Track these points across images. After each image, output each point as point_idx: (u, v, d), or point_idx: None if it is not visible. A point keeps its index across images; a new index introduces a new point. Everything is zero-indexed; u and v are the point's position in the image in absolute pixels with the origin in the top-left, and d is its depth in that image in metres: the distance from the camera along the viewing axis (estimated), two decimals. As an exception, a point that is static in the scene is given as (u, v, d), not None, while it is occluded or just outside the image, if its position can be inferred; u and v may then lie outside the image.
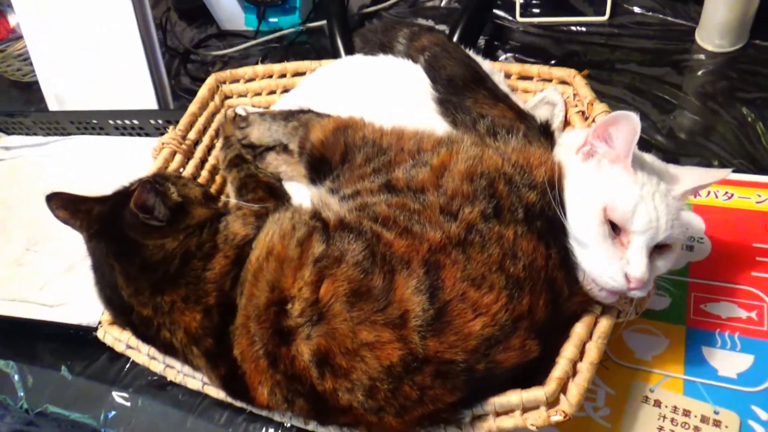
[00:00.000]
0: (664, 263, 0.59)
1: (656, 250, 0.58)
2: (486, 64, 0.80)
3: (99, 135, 1.17)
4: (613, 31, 1.10)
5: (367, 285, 0.54)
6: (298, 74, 0.97)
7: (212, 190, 0.88)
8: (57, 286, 0.96)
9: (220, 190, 0.93)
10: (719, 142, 0.90)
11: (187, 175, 0.88)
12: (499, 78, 0.80)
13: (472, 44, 1.05)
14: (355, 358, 0.53)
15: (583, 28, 1.12)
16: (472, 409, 0.57)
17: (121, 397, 0.85)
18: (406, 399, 0.53)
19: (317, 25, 1.28)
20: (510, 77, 0.86)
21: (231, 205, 0.75)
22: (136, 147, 1.10)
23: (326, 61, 0.96)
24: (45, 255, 1.02)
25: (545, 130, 0.67)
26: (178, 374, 0.71)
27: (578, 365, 0.57)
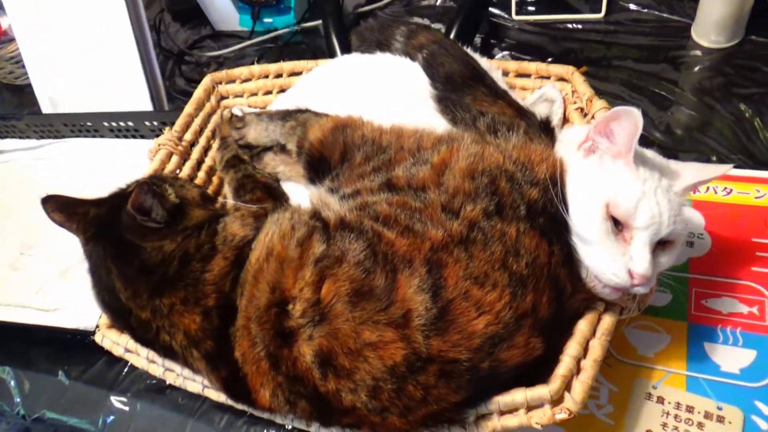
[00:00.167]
0: (667, 259, 0.59)
1: (659, 246, 0.58)
2: (483, 62, 0.80)
3: (93, 137, 1.16)
4: (608, 28, 1.10)
5: (369, 284, 0.53)
6: (294, 74, 0.97)
7: (209, 192, 0.87)
8: (52, 290, 0.95)
9: (217, 191, 0.92)
10: (717, 138, 0.91)
11: (183, 177, 0.87)
12: (496, 75, 0.80)
13: (469, 43, 1.04)
14: (358, 359, 0.52)
15: (579, 26, 1.12)
16: (476, 409, 0.56)
17: (119, 402, 0.84)
18: (410, 399, 0.52)
19: (312, 25, 1.27)
20: (507, 75, 0.86)
21: (229, 206, 0.75)
22: (131, 149, 1.09)
23: (323, 60, 0.95)
24: (40, 259, 1.01)
25: (546, 127, 0.67)
26: (178, 377, 0.70)
27: (582, 363, 0.56)
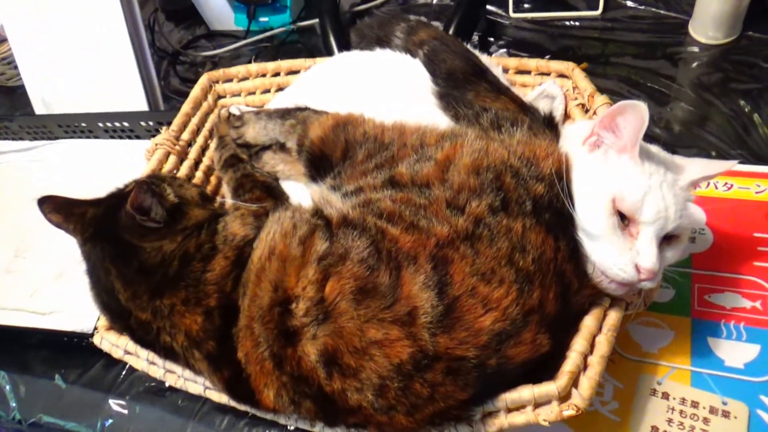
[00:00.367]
0: (673, 254, 0.59)
1: (664, 241, 0.58)
2: (484, 58, 0.79)
3: (88, 138, 1.15)
4: (606, 25, 1.10)
5: (373, 282, 0.53)
6: (292, 72, 0.96)
7: (207, 192, 0.87)
8: (48, 293, 0.93)
9: (215, 191, 0.91)
10: (716, 133, 0.91)
11: (181, 177, 0.86)
12: (497, 71, 0.79)
13: (467, 40, 1.04)
14: (364, 357, 0.52)
15: (577, 23, 1.12)
16: (483, 406, 0.56)
17: (118, 405, 0.83)
18: (417, 397, 0.52)
19: (308, 23, 1.27)
20: (507, 72, 0.86)
21: (228, 206, 0.74)
22: (127, 150, 1.08)
23: (320, 59, 0.95)
24: (35, 262, 1.00)
25: (549, 122, 0.67)
26: (179, 379, 0.69)
27: (589, 359, 0.56)
